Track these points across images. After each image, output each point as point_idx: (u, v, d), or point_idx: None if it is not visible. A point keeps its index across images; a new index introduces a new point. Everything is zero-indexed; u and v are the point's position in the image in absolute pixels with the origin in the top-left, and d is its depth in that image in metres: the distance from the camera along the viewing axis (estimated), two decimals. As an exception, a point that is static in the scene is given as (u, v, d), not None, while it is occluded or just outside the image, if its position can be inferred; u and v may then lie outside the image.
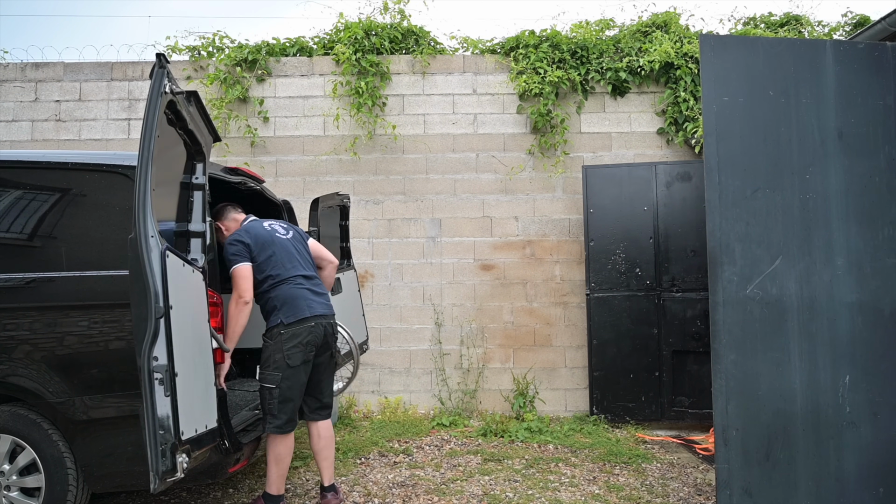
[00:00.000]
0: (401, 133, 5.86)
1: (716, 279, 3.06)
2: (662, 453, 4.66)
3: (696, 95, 5.60)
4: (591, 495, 3.78)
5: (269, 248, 3.32)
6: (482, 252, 5.85)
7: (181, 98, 2.61)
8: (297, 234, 3.54)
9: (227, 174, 3.85)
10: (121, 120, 5.89)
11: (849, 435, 3.04)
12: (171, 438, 2.23)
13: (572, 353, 5.76)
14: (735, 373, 3.03)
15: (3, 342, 2.92)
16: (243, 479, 4.07)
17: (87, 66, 5.92)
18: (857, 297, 3.08)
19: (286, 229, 3.49)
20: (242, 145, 5.87)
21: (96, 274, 2.89)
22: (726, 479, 3.01)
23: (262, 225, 3.43)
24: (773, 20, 6.27)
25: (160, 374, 2.23)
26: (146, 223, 2.30)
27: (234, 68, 5.87)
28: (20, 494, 2.95)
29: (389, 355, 5.80)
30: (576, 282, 5.79)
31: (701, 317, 5.17)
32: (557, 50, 5.79)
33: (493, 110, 5.91)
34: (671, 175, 5.34)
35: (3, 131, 5.85)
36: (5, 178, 3.10)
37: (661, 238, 5.32)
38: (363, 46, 5.78)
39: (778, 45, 3.22)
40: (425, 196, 5.87)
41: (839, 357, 3.06)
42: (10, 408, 2.98)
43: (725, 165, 3.11)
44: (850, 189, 3.12)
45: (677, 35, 5.85)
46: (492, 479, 4.07)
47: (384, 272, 5.86)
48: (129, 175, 2.93)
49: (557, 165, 5.79)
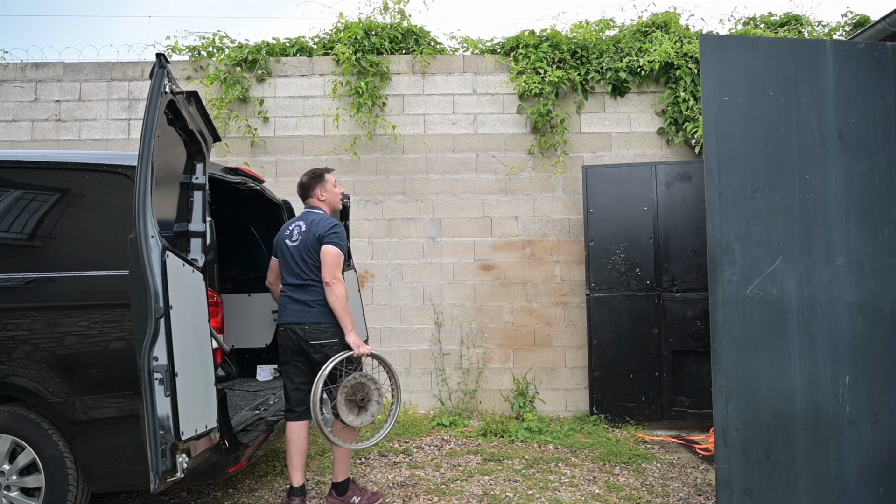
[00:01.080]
0: (401, 133, 5.86)
1: (716, 279, 3.06)
2: (662, 453, 4.66)
3: (696, 95, 5.60)
4: (591, 495, 3.78)
5: (279, 251, 3.53)
6: (482, 252, 5.85)
7: (181, 98, 2.62)
8: (310, 236, 3.37)
9: (227, 174, 3.85)
10: (121, 120, 5.90)
11: (849, 435, 3.04)
12: (171, 438, 2.23)
13: (572, 353, 5.76)
14: (735, 373, 3.03)
15: (3, 342, 2.92)
16: (243, 479, 4.07)
17: (87, 66, 5.92)
18: (857, 297, 3.08)
19: (300, 234, 3.41)
20: (242, 145, 5.87)
21: (96, 274, 2.89)
22: (726, 479, 3.01)
23: (286, 226, 3.54)
24: (773, 20, 6.28)
25: (160, 374, 2.23)
26: (146, 223, 2.30)
27: (234, 68, 5.87)
28: (20, 494, 2.95)
29: (389, 355, 5.79)
30: (576, 282, 5.79)
31: (701, 317, 5.17)
32: (557, 50, 5.79)
33: (493, 110, 5.91)
34: (671, 175, 5.34)
35: (3, 131, 5.85)
36: (5, 178, 3.10)
37: (661, 238, 5.32)
38: (363, 46, 5.78)
39: (778, 45, 3.22)
40: (425, 196, 5.87)
41: (839, 357, 3.06)
42: (10, 408, 2.98)
43: (725, 165, 3.11)
44: (850, 189, 3.12)
45: (677, 35, 5.85)
46: (492, 479, 4.07)
47: (384, 272, 5.86)
48: (129, 175, 2.93)
49: (557, 165, 5.79)
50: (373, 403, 3.31)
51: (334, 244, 3.31)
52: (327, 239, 3.32)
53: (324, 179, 3.56)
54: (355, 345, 3.31)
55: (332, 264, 3.29)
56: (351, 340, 3.31)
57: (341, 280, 3.30)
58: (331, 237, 3.33)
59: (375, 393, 3.31)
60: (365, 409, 3.31)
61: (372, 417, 3.33)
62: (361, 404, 3.30)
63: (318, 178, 3.55)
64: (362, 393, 3.29)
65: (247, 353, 4.79)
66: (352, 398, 3.28)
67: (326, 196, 3.55)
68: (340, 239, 3.36)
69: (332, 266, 3.28)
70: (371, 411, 3.31)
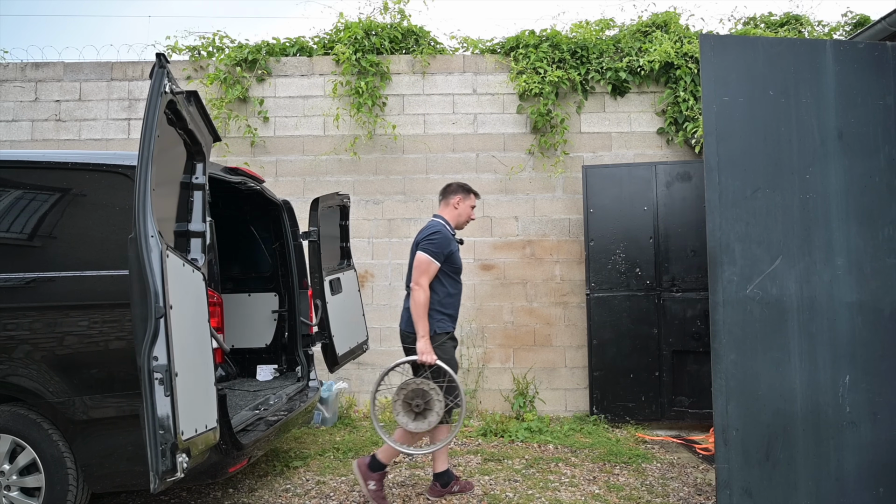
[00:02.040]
0: (401, 133, 5.86)
1: (716, 279, 3.06)
2: (662, 453, 4.66)
3: (696, 95, 5.60)
4: (591, 495, 3.78)
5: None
6: (482, 252, 5.85)
7: (181, 98, 2.61)
8: (413, 243, 3.62)
9: (227, 174, 3.85)
10: (121, 120, 5.90)
11: (849, 435, 3.04)
12: (171, 438, 2.23)
13: (572, 352, 5.76)
14: (735, 373, 3.03)
15: (3, 342, 2.92)
16: (243, 479, 4.07)
17: (87, 65, 5.92)
18: (857, 297, 3.08)
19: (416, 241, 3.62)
20: (242, 145, 5.87)
21: (96, 274, 2.90)
22: (726, 479, 3.01)
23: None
24: (773, 20, 6.27)
25: (160, 374, 2.23)
26: (146, 223, 2.30)
27: (234, 68, 5.87)
28: (20, 494, 2.95)
29: (389, 355, 5.79)
30: (576, 282, 5.79)
31: (701, 317, 5.17)
32: (557, 50, 5.79)
33: (493, 110, 5.91)
34: (671, 175, 5.34)
35: (3, 131, 5.85)
36: (5, 178, 3.10)
37: (661, 238, 5.32)
38: (363, 46, 5.78)
39: (778, 45, 3.22)
40: (425, 196, 5.87)
41: (839, 357, 3.06)
42: (11, 408, 2.98)
43: (725, 165, 3.10)
44: (850, 189, 3.12)
45: (677, 35, 5.85)
46: (492, 479, 4.07)
47: (384, 272, 5.86)
48: (129, 175, 2.94)
49: (557, 165, 5.79)
50: (432, 413, 3.34)
51: (426, 251, 3.46)
52: (421, 245, 3.49)
53: (469, 196, 3.75)
54: (421, 351, 3.39)
55: (419, 270, 3.44)
56: (419, 346, 3.41)
57: (423, 287, 3.43)
58: (425, 244, 3.48)
59: (437, 403, 3.33)
60: (423, 417, 3.35)
61: (429, 426, 3.35)
62: (418, 410, 3.34)
63: (466, 191, 3.75)
64: (422, 400, 3.34)
65: (247, 353, 4.80)
66: (409, 402, 3.34)
67: (460, 208, 3.72)
68: (434, 246, 3.47)
69: (418, 272, 3.45)
70: (429, 420, 3.34)
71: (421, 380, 3.36)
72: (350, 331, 4.70)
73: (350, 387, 5.70)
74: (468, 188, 3.78)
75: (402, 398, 3.34)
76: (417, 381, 3.34)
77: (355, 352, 4.76)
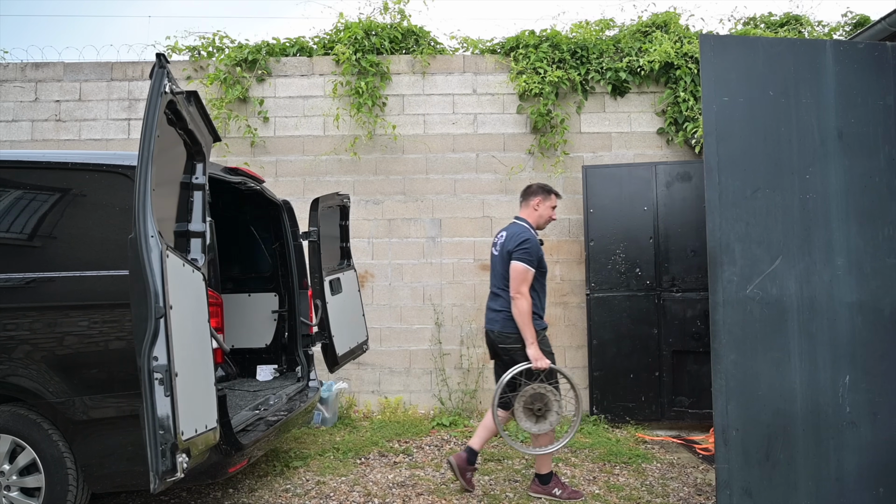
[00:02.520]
0: (401, 133, 5.86)
1: (716, 279, 3.06)
2: (662, 453, 4.66)
3: (696, 95, 5.60)
4: (591, 495, 3.78)
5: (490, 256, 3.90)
6: (482, 252, 5.84)
7: (181, 98, 2.61)
8: (504, 250, 3.70)
9: (227, 174, 3.85)
10: (121, 120, 5.90)
11: (849, 435, 3.04)
12: (171, 438, 2.23)
13: (572, 353, 5.76)
14: (735, 373, 3.03)
15: (3, 342, 2.92)
16: (243, 479, 4.07)
17: (87, 66, 5.92)
18: (857, 297, 3.08)
19: (501, 245, 3.75)
20: (242, 145, 5.87)
21: (96, 274, 2.90)
22: (726, 479, 3.01)
23: (497, 234, 3.85)
24: (773, 20, 6.27)
25: (160, 374, 2.22)
26: (146, 223, 2.30)
27: (234, 68, 5.87)
28: (20, 494, 2.95)
29: (389, 355, 5.80)
30: (576, 282, 5.79)
31: (701, 317, 5.17)
32: (557, 50, 5.79)
33: (493, 110, 5.91)
34: (671, 175, 5.34)
35: (3, 131, 5.85)
36: (5, 178, 3.10)
37: (661, 238, 5.32)
38: (363, 46, 5.78)
39: (778, 45, 3.22)
40: (425, 196, 5.87)
41: (839, 357, 3.06)
42: (10, 408, 2.98)
43: (725, 165, 3.10)
44: (850, 189, 3.12)
45: (677, 35, 5.85)
46: (492, 479, 4.07)
47: (384, 272, 5.86)
48: (129, 175, 2.94)
49: (557, 165, 5.79)
50: (552, 413, 3.50)
51: (522, 261, 3.55)
52: (516, 255, 3.57)
53: (550, 197, 3.82)
54: (534, 358, 3.49)
55: (518, 280, 3.53)
56: (530, 353, 3.51)
57: (525, 295, 3.52)
58: (519, 253, 3.57)
59: (555, 404, 3.50)
60: (543, 418, 3.51)
61: (550, 426, 3.52)
62: (539, 413, 3.50)
63: (547, 192, 3.82)
64: (541, 402, 3.49)
65: (247, 353, 4.80)
66: (530, 407, 3.49)
67: (541, 209, 3.79)
68: (528, 255, 3.56)
69: (517, 282, 3.53)
70: (550, 420, 3.51)
71: (536, 384, 3.49)
72: (350, 331, 4.70)
73: (350, 387, 5.70)
74: (549, 188, 3.84)
75: (523, 405, 3.49)
76: (534, 386, 3.47)
77: (355, 352, 4.76)
